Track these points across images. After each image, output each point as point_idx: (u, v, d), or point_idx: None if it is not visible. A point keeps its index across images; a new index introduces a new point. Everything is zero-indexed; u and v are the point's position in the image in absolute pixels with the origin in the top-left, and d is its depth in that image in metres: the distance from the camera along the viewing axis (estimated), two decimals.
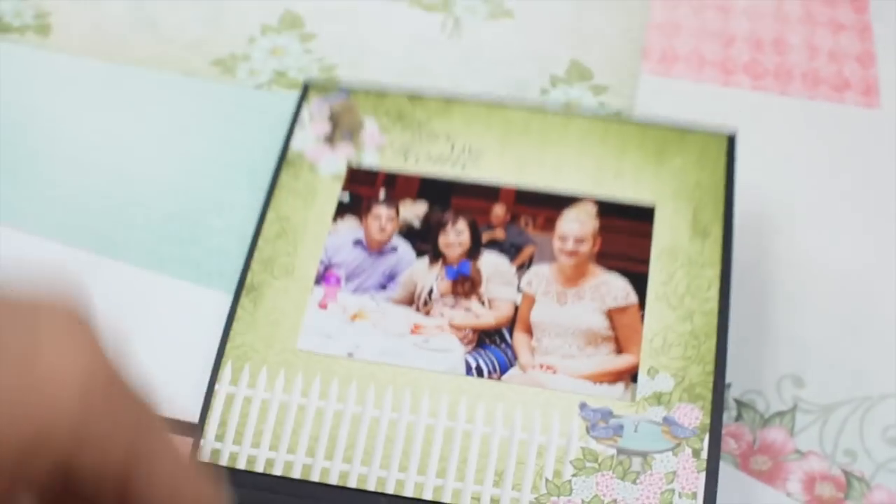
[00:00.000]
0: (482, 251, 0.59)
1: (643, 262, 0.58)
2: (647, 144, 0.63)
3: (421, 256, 0.59)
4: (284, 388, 0.55)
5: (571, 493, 0.52)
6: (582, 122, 0.64)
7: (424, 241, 0.60)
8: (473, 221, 0.60)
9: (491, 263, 0.59)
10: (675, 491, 0.52)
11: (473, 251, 0.59)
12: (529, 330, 0.57)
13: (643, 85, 0.72)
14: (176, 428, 0.56)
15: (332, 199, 0.61)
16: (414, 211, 0.61)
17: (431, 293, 0.58)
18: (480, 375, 0.55)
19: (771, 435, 0.55)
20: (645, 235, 0.59)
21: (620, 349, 0.56)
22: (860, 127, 0.69)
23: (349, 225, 0.60)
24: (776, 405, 0.56)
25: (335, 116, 0.64)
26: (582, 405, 0.54)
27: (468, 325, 0.57)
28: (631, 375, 0.55)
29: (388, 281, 0.58)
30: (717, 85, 0.71)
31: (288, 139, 0.63)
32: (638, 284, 0.58)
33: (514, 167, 0.62)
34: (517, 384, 0.55)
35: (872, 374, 0.57)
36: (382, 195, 0.61)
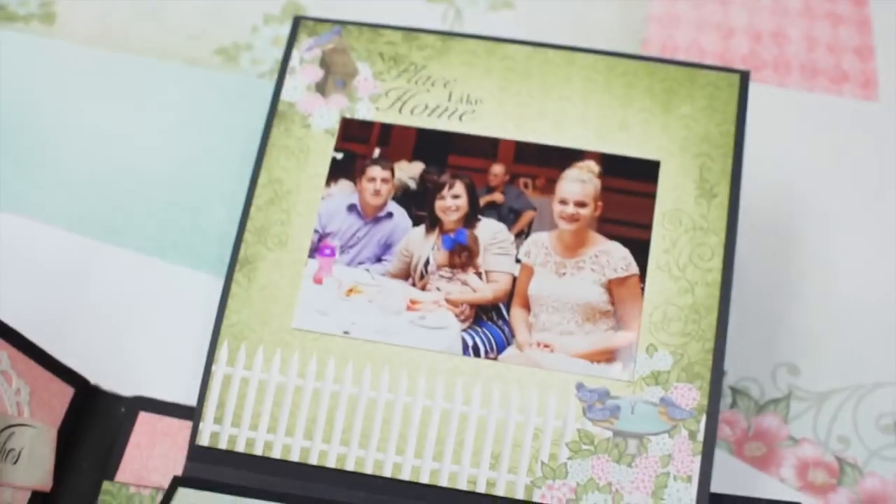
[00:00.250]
0: (480, 217, 0.58)
1: (645, 227, 0.57)
2: (654, 89, 0.60)
3: (417, 224, 0.58)
4: (281, 368, 0.55)
5: (567, 476, 0.53)
6: (587, 59, 0.61)
7: (420, 206, 0.58)
8: (471, 183, 0.58)
9: (489, 231, 0.57)
10: (670, 474, 0.52)
11: (471, 217, 0.57)
12: (527, 304, 0.56)
13: None
14: (175, 411, 0.57)
15: (325, 157, 0.59)
16: (410, 172, 0.59)
17: (428, 265, 0.57)
18: (477, 354, 0.55)
19: (765, 422, 0.55)
20: (648, 196, 0.57)
21: (620, 324, 0.55)
22: (858, 119, 0.68)
23: (343, 189, 0.58)
24: (771, 392, 0.56)
25: (327, 60, 0.61)
26: (579, 385, 0.54)
27: (465, 300, 0.56)
28: (629, 353, 0.54)
29: (383, 251, 0.57)
30: None
31: (279, 88, 0.61)
32: (639, 253, 0.56)
33: (514, 118, 0.59)
34: (514, 364, 0.54)
35: (866, 363, 0.57)
36: (377, 154, 0.59)
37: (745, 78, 0.59)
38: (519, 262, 0.57)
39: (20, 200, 0.64)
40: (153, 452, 0.56)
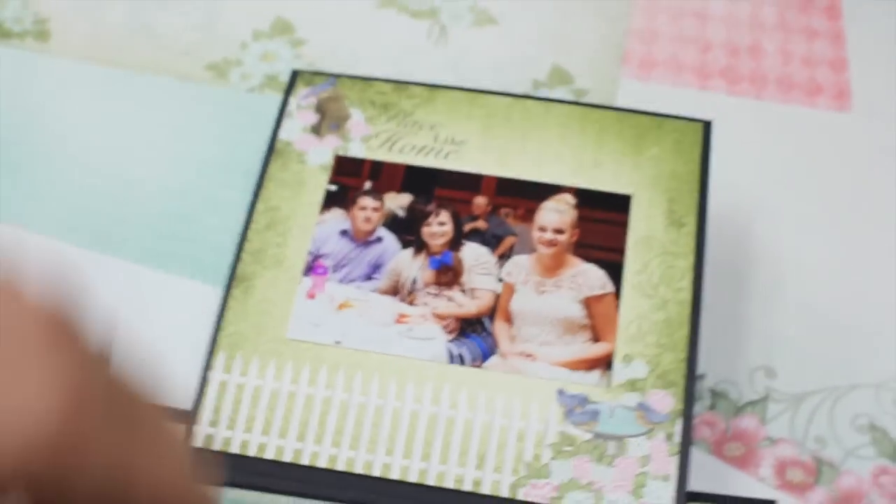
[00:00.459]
0: (464, 241, 0.61)
1: (619, 251, 0.61)
2: (625, 133, 0.65)
3: (405, 247, 0.61)
4: (275, 375, 0.57)
5: (550, 475, 0.55)
6: (562, 108, 0.66)
7: (408, 231, 0.62)
8: (456, 212, 0.62)
9: (473, 253, 0.61)
10: (648, 473, 0.55)
11: (456, 241, 0.61)
12: (509, 318, 0.59)
13: (623, 89, 0.74)
14: (172, 415, 0.59)
15: (319, 189, 0.63)
16: (398, 202, 0.63)
17: (415, 283, 0.60)
18: (462, 363, 0.58)
19: (744, 423, 0.57)
20: (621, 225, 0.61)
21: (597, 337, 0.58)
22: (832, 130, 0.71)
23: (336, 216, 0.62)
24: (749, 395, 0.59)
25: (322, 107, 0.66)
26: (560, 392, 0.57)
27: (451, 314, 0.59)
28: (606, 363, 0.57)
29: (373, 271, 0.60)
30: (694, 89, 0.74)
31: (276, 129, 0.65)
32: (614, 273, 0.60)
33: (495, 157, 0.64)
34: (498, 371, 0.57)
35: (842, 365, 0.60)
36: (368, 186, 0.63)
37: (707, 127, 0.65)
38: (501, 280, 0.60)
39: (16, 211, 0.67)
40: None
